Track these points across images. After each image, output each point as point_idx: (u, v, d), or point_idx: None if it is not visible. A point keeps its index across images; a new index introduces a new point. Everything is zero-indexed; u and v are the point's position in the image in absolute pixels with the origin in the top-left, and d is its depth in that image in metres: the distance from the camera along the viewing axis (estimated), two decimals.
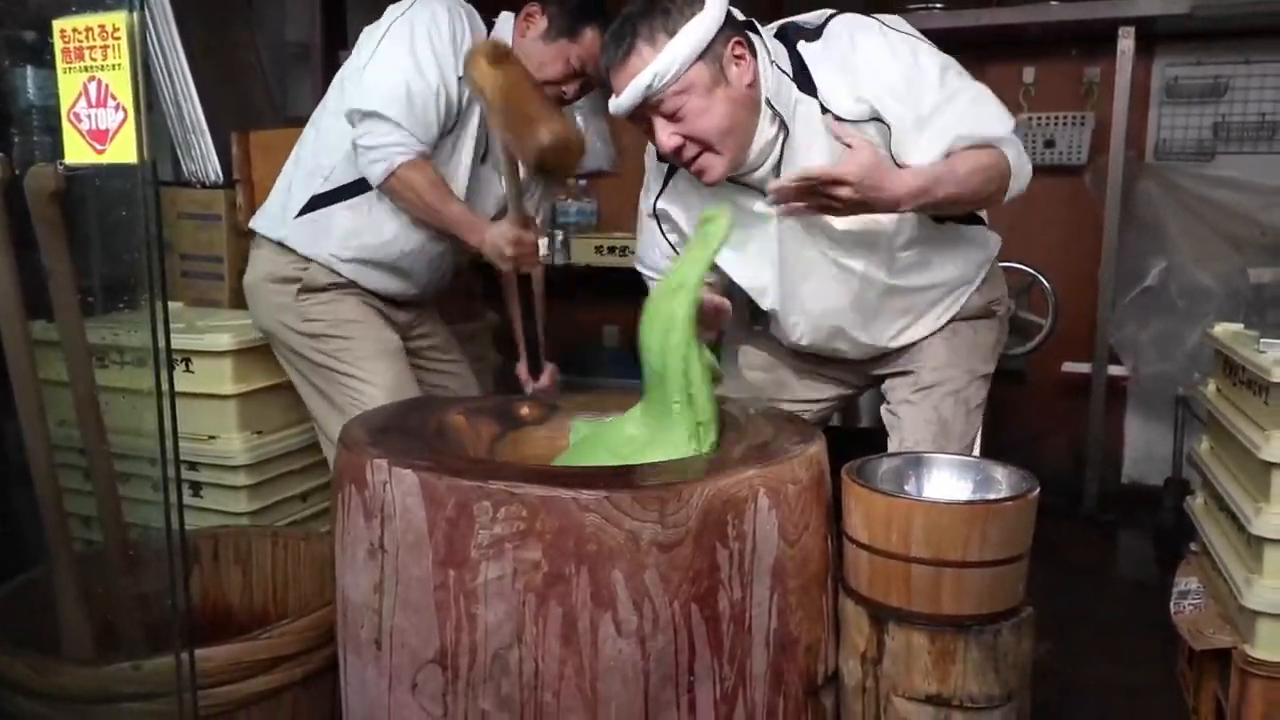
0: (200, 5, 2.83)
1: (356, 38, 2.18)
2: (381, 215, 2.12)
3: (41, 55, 1.88)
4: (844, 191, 1.59)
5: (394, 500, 1.33)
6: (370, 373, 2.12)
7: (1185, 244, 3.35)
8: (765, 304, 1.93)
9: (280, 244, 2.16)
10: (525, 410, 1.83)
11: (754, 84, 1.70)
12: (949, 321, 1.94)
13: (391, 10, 2.12)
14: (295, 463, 2.43)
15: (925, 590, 1.39)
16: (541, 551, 1.27)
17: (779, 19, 1.85)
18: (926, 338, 1.95)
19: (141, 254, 1.21)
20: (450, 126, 2.09)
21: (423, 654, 1.33)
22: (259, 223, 2.22)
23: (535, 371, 2.24)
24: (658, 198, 1.94)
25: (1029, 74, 3.67)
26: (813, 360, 2.04)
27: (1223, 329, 2.21)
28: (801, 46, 1.76)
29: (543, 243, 3.23)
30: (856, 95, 1.71)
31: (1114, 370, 3.51)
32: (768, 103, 1.72)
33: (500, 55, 1.93)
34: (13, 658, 1.56)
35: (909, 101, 1.69)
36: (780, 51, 1.76)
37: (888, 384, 2.02)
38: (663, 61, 1.62)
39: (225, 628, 2.01)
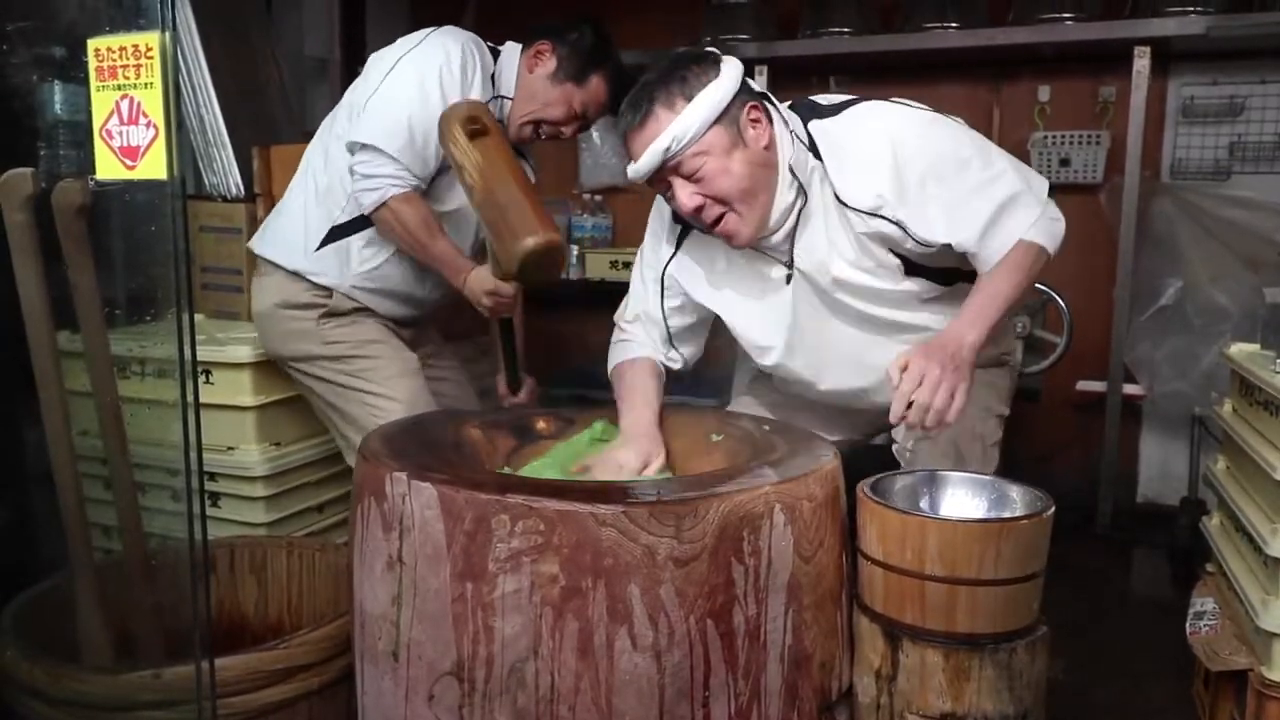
0: (222, 20, 2.86)
1: (376, 51, 2.20)
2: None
3: (69, 71, 1.91)
4: (934, 374, 1.56)
5: (413, 513, 1.34)
6: (394, 390, 2.14)
7: (1201, 263, 3.34)
8: (766, 361, 1.92)
9: (295, 273, 2.17)
10: (541, 424, 1.84)
11: (771, 147, 1.71)
12: None
13: (404, 41, 2.13)
14: (313, 474, 2.45)
15: (940, 608, 1.39)
16: (559, 565, 1.28)
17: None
18: None
19: (168, 268, 1.23)
20: (448, 163, 2.09)
21: (440, 666, 1.34)
22: (271, 251, 2.22)
23: (514, 387, 2.23)
24: (670, 261, 1.92)
25: (1044, 92, 3.67)
26: (824, 408, 2.03)
27: (1239, 349, 2.21)
28: (813, 125, 1.77)
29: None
30: (871, 189, 1.70)
31: (1129, 389, 3.50)
32: (791, 170, 1.73)
33: (478, 129, 1.93)
34: (33, 664, 1.57)
35: (930, 195, 1.69)
36: (796, 121, 1.77)
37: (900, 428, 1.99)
38: (680, 125, 1.64)
39: (240, 637, 2.02)
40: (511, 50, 2.20)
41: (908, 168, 1.69)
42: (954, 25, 3.44)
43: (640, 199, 4.01)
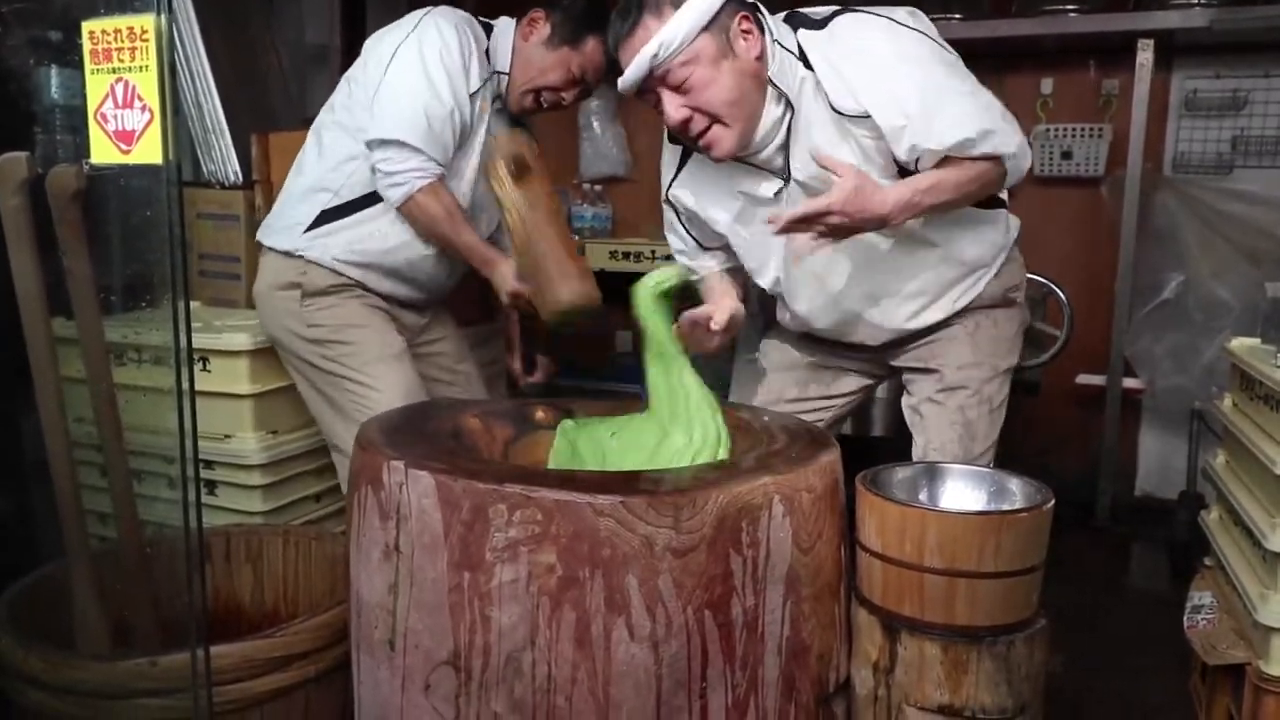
0: (221, 6, 2.85)
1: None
2: (386, 225, 2.14)
3: (64, 55, 1.89)
4: (833, 219, 1.62)
5: (410, 502, 1.33)
6: (375, 377, 2.13)
7: (1203, 257, 3.33)
8: (763, 282, 1.94)
9: (286, 253, 2.18)
10: (540, 414, 1.83)
11: (761, 57, 1.71)
12: (967, 308, 1.92)
13: (397, 27, 2.13)
14: (310, 463, 2.44)
15: (938, 600, 1.39)
16: (556, 555, 1.27)
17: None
18: (945, 326, 1.92)
19: (164, 254, 1.22)
20: (459, 143, 2.11)
21: (436, 655, 1.33)
22: (265, 237, 2.24)
23: (530, 368, 2.25)
24: (671, 184, 1.95)
25: (1047, 85, 3.66)
26: (831, 353, 2.03)
27: (1240, 344, 2.20)
28: (802, 34, 1.76)
29: None
30: (854, 94, 1.71)
31: (1129, 383, 3.50)
32: (771, 82, 1.73)
33: (523, 169, 2.01)
34: (29, 652, 1.57)
35: (905, 107, 1.68)
36: (785, 32, 1.77)
37: (909, 377, 2.00)
38: (668, 31, 1.63)
39: (235, 626, 2.02)
40: (505, 25, 2.21)
41: (896, 70, 1.70)
42: (957, 16, 3.43)
43: (640, 189, 4.02)
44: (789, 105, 1.75)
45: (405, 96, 2.03)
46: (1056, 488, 1.47)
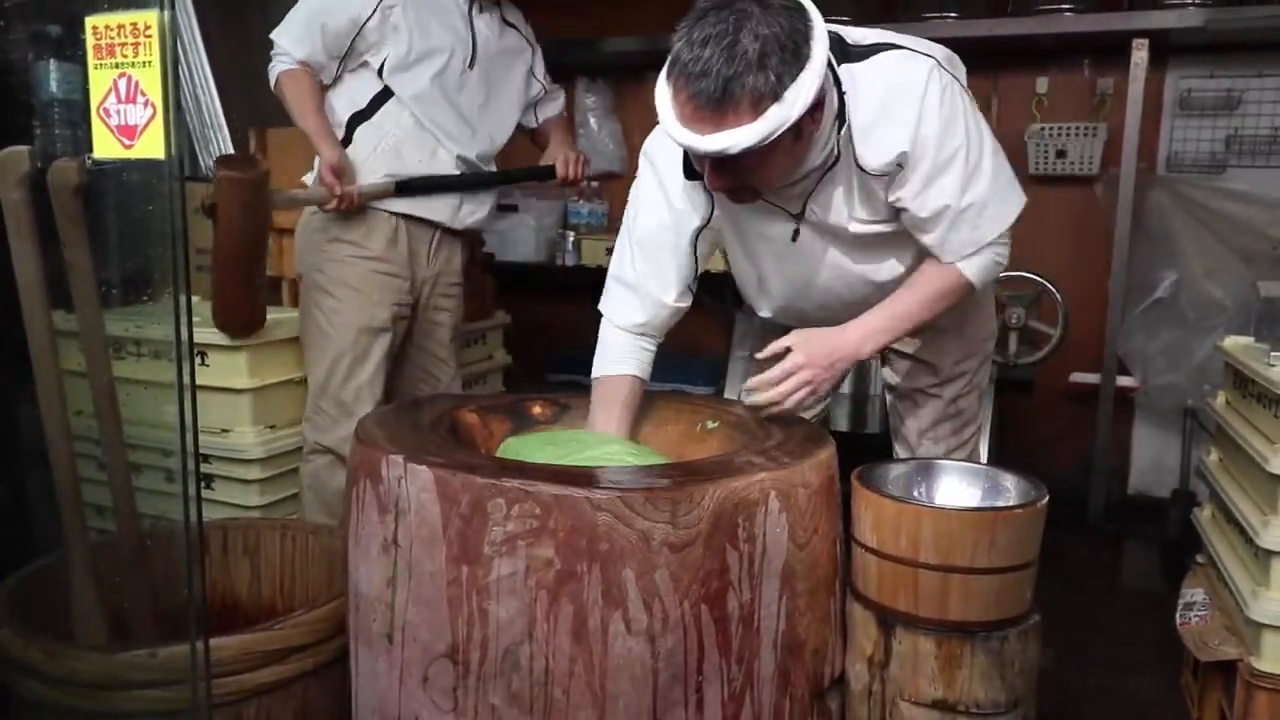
0: (219, 2, 2.85)
1: None
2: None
3: (65, 49, 1.89)
4: (806, 374, 1.65)
5: (409, 496, 1.34)
6: (341, 336, 2.32)
7: (1196, 256, 3.35)
8: (764, 313, 1.93)
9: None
10: (537, 409, 1.84)
11: (818, 126, 1.55)
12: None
13: None
14: None
15: (933, 596, 1.40)
16: (554, 549, 1.28)
17: None
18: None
19: (165, 248, 1.23)
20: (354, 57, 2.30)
21: (434, 648, 1.34)
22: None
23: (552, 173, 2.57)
24: (709, 220, 1.77)
25: (1042, 84, 3.67)
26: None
27: (1233, 342, 2.22)
28: (844, 71, 1.60)
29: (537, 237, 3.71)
30: (887, 148, 1.61)
31: (1123, 381, 3.51)
32: (831, 138, 1.60)
33: (211, 210, 2.17)
34: (27, 643, 1.57)
35: (924, 180, 1.62)
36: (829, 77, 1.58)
37: (900, 364, 2.01)
38: (758, 130, 1.43)
39: (233, 620, 2.02)
40: None
41: (923, 146, 1.60)
42: (952, 15, 3.44)
43: None
44: (832, 159, 1.64)
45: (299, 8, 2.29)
46: (1050, 485, 1.49)
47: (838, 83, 1.59)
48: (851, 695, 1.51)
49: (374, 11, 2.22)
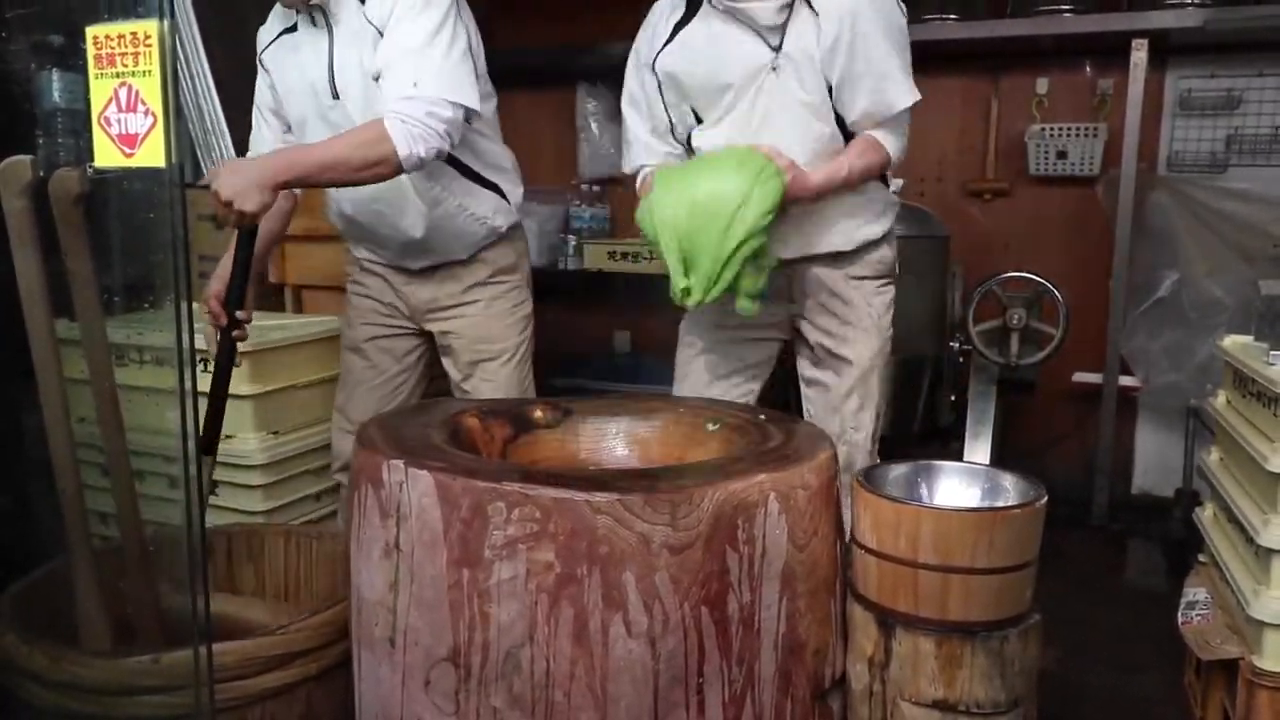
0: (221, 9, 2.86)
1: None
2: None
3: (67, 59, 1.91)
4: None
5: (410, 500, 1.35)
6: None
7: (1197, 256, 3.35)
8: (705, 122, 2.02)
9: None
10: (539, 413, 1.85)
11: None
12: (862, 248, 2.06)
13: None
14: (310, 463, 2.46)
15: (933, 596, 1.41)
16: (554, 552, 1.28)
17: None
18: (851, 307, 2.07)
19: (167, 256, 1.23)
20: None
21: (436, 652, 1.35)
22: None
23: (238, 303, 2.01)
24: (659, 54, 2.00)
25: (1042, 85, 3.67)
26: (743, 325, 2.10)
27: (1233, 341, 2.22)
28: None
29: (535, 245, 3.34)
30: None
31: (1125, 381, 3.51)
32: None
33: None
34: (31, 648, 1.58)
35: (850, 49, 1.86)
36: None
37: (810, 331, 2.11)
38: None
39: (237, 624, 2.03)
40: None
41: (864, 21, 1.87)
42: (953, 16, 3.44)
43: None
44: None
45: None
46: (1052, 486, 1.49)
47: None
48: (852, 696, 1.52)
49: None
